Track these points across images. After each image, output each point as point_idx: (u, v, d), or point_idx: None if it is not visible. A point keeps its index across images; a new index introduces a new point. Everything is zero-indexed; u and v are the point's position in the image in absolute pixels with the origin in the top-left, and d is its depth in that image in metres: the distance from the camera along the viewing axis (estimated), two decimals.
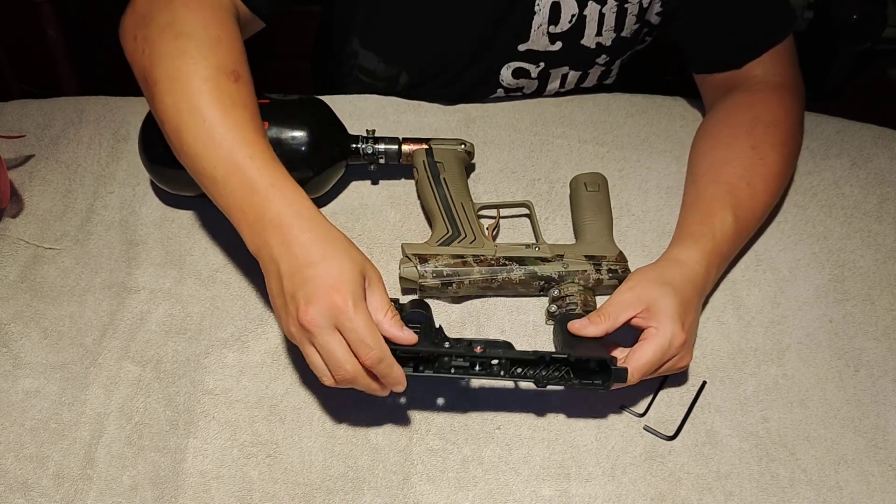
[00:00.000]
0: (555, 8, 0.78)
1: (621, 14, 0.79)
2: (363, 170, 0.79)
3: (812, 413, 0.65)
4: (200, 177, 0.58)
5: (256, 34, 0.70)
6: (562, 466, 0.61)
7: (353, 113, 0.84)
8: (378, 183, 0.80)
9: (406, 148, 0.76)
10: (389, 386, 0.56)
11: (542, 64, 0.85)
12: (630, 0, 0.78)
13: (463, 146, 0.77)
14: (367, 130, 0.77)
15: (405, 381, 0.56)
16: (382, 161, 0.77)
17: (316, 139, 0.71)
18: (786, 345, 0.69)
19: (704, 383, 0.67)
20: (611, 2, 0.78)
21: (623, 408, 0.65)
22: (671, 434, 0.63)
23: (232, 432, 0.62)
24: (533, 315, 0.70)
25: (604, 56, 0.84)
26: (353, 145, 0.75)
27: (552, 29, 0.80)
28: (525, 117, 0.86)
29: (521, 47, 0.83)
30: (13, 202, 0.76)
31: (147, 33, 0.60)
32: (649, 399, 0.65)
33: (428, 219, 0.75)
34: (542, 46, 0.82)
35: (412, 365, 0.58)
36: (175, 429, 0.62)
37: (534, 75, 0.86)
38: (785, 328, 0.70)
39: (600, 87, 0.90)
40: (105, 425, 0.62)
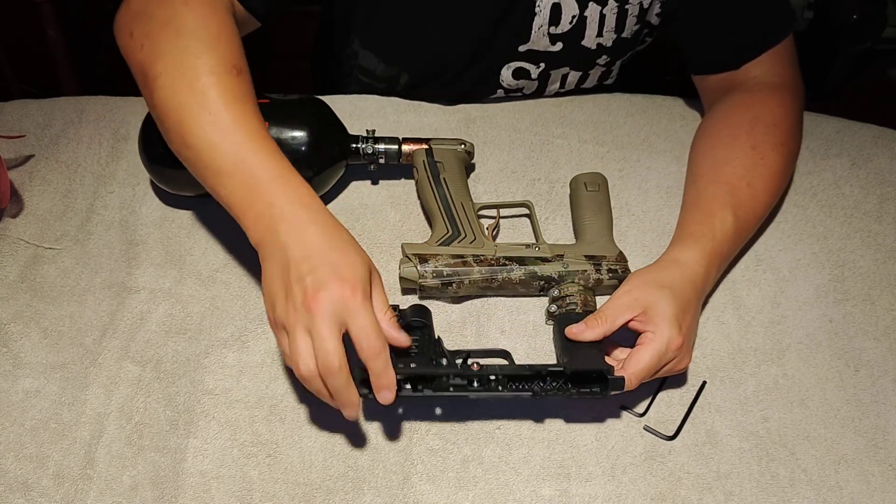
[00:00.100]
0: (555, 9, 0.78)
1: (622, 15, 0.79)
2: (363, 170, 0.79)
3: (812, 413, 0.65)
4: (203, 170, 0.58)
5: (257, 34, 0.70)
6: (562, 466, 0.61)
7: (353, 113, 0.84)
8: (378, 183, 0.80)
9: (406, 148, 0.76)
10: (376, 388, 0.55)
11: (543, 64, 0.85)
12: (630, 1, 0.78)
13: (463, 146, 0.77)
14: (367, 130, 0.77)
15: (395, 387, 0.55)
16: (382, 161, 0.77)
17: (316, 139, 0.71)
18: (786, 345, 0.69)
19: (704, 383, 0.67)
20: (611, 3, 0.78)
21: (623, 408, 0.65)
22: (671, 434, 0.63)
23: (232, 432, 0.62)
24: (533, 315, 0.70)
25: (604, 57, 0.84)
26: (353, 145, 0.75)
27: (553, 30, 0.80)
28: (525, 117, 0.86)
29: (522, 48, 0.83)
30: (13, 202, 0.76)
31: (147, 30, 0.60)
32: (649, 399, 0.65)
33: (428, 219, 0.75)
34: (543, 47, 0.82)
35: (410, 384, 0.58)
36: (175, 429, 0.62)
37: (534, 76, 0.86)
38: (785, 328, 0.70)
39: (600, 88, 0.90)
40: (105, 425, 0.62)
